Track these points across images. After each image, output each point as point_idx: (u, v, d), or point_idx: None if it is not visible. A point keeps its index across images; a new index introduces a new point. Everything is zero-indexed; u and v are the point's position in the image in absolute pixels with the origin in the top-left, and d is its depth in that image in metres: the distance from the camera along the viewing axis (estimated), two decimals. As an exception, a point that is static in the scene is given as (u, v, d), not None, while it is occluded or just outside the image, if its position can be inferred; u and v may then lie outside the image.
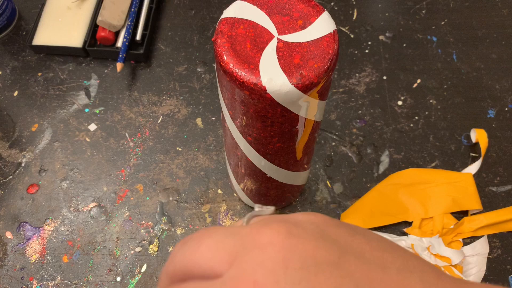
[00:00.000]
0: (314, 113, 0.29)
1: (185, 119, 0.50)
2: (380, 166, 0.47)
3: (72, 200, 0.46)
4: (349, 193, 0.45)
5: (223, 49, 0.26)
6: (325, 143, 0.48)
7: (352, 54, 0.53)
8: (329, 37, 0.26)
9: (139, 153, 0.48)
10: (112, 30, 0.52)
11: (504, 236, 0.43)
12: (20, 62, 0.54)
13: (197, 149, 0.48)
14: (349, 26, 0.55)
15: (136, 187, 0.46)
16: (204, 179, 0.46)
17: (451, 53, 0.53)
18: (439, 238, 0.41)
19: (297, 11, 0.27)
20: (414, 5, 0.56)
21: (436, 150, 0.47)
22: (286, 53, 0.26)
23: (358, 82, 0.51)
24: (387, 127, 0.49)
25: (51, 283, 0.42)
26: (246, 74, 0.25)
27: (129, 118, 0.50)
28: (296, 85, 0.25)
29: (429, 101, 0.50)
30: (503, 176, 0.46)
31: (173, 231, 0.44)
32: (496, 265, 0.42)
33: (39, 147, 0.49)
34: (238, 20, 0.27)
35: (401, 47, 0.53)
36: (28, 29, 0.56)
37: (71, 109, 0.51)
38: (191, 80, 0.52)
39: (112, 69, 0.53)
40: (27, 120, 0.50)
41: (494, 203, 0.44)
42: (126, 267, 0.42)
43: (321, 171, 0.46)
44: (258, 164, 0.34)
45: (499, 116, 0.49)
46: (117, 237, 0.44)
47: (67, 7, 0.55)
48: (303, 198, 0.45)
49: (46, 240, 0.44)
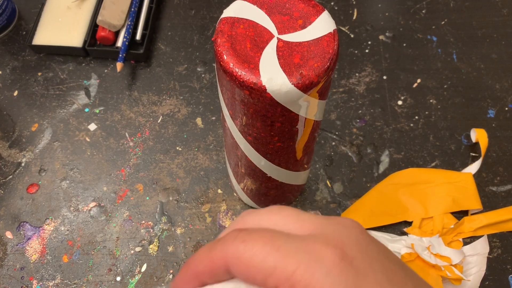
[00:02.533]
0: (314, 113, 0.29)
1: (185, 119, 0.50)
2: (380, 166, 0.46)
3: (72, 200, 0.46)
4: (349, 193, 0.45)
5: (223, 48, 0.26)
6: (325, 143, 0.48)
7: (352, 54, 0.53)
8: (329, 37, 0.26)
9: (139, 153, 0.48)
10: (112, 30, 0.52)
11: (504, 236, 0.43)
12: (20, 62, 0.54)
13: (197, 149, 0.48)
14: (349, 26, 0.55)
15: (136, 187, 0.46)
16: (204, 179, 0.46)
17: (451, 53, 0.53)
18: (439, 238, 0.41)
19: (297, 10, 0.27)
20: (414, 5, 0.56)
21: (436, 150, 0.47)
22: (286, 52, 0.26)
23: (358, 82, 0.51)
24: (387, 127, 0.49)
25: (51, 282, 0.42)
26: (246, 74, 0.25)
27: (129, 118, 0.50)
28: (296, 85, 0.25)
29: (429, 101, 0.50)
30: (503, 176, 0.46)
31: (173, 231, 0.44)
32: (496, 265, 0.42)
33: (39, 147, 0.49)
34: (238, 19, 0.27)
35: (401, 47, 0.53)
36: (28, 29, 0.56)
37: (71, 109, 0.51)
38: (191, 80, 0.52)
39: (112, 69, 0.53)
40: (27, 120, 0.50)
41: (494, 203, 0.44)
42: (126, 267, 0.42)
43: (321, 171, 0.46)
44: (258, 163, 0.34)
45: (499, 116, 0.49)
46: (117, 237, 0.44)
47: (67, 7, 0.55)
48: (303, 198, 0.45)
49: (46, 240, 0.44)
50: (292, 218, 0.18)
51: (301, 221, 0.17)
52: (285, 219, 0.18)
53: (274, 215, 0.18)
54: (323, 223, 0.17)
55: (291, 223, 0.17)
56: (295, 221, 0.18)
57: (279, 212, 0.18)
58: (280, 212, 0.18)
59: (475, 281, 0.41)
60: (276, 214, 0.18)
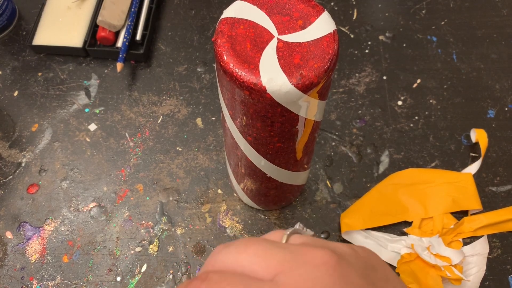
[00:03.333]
0: (314, 113, 0.29)
1: (185, 119, 0.50)
2: (380, 166, 0.47)
3: (72, 200, 0.46)
4: (349, 193, 0.45)
5: (223, 49, 0.26)
6: (325, 143, 0.48)
7: (352, 54, 0.53)
8: (329, 37, 0.26)
9: (139, 153, 0.48)
10: (112, 30, 0.52)
11: (504, 236, 0.43)
12: (20, 62, 0.54)
13: (197, 149, 0.48)
14: (349, 26, 0.55)
15: (136, 187, 0.46)
16: (204, 179, 0.46)
17: (451, 53, 0.53)
18: (439, 238, 0.41)
19: (297, 11, 0.27)
20: (414, 5, 0.56)
21: (436, 150, 0.47)
22: (286, 53, 0.26)
23: (358, 82, 0.51)
24: (387, 127, 0.49)
25: (51, 283, 0.42)
26: (246, 74, 0.25)
27: (129, 118, 0.50)
28: (296, 85, 0.25)
29: (429, 101, 0.50)
30: (503, 176, 0.46)
31: (173, 231, 0.44)
32: (496, 265, 0.42)
33: (39, 147, 0.49)
34: (238, 20, 0.27)
35: (401, 47, 0.53)
36: (28, 29, 0.56)
37: (71, 109, 0.51)
38: (191, 80, 0.52)
39: (112, 69, 0.53)
40: (27, 120, 0.50)
41: (494, 203, 0.44)
42: (126, 267, 0.42)
43: (321, 171, 0.46)
44: (258, 164, 0.34)
45: (499, 116, 0.49)
46: (117, 237, 0.44)
47: (67, 7, 0.55)
48: (303, 198, 0.45)
49: (46, 240, 0.44)
50: (258, 257, 0.17)
51: (267, 261, 0.17)
52: (251, 259, 0.17)
53: (240, 254, 0.18)
54: (290, 264, 0.17)
55: (257, 263, 0.17)
56: (261, 260, 0.17)
57: (245, 251, 0.18)
58: (246, 250, 0.18)
59: (475, 281, 0.41)
60: (243, 252, 0.18)
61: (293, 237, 0.20)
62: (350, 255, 0.18)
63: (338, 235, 0.44)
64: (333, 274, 0.17)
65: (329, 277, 0.16)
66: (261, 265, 0.17)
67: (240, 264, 0.17)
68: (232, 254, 0.18)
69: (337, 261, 0.17)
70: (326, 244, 0.19)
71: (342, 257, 0.18)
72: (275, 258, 0.17)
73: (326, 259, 0.17)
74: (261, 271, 0.17)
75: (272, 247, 0.18)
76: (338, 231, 0.44)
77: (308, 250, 0.17)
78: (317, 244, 0.18)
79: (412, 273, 0.40)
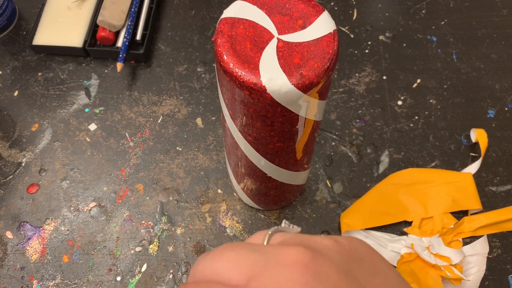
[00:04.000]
0: (314, 113, 0.29)
1: (185, 119, 0.50)
2: (380, 166, 0.47)
3: (72, 200, 0.46)
4: (349, 193, 0.45)
5: (223, 49, 0.26)
6: (325, 143, 0.48)
7: (352, 54, 0.53)
8: (329, 37, 0.26)
9: (139, 153, 0.48)
10: (112, 30, 0.52)
11: (504, 235, 0.43)
12: (20, 62, 0.54)
13: (197, 149, 0.48)
14: (349, 26, 0.55)
15: (136, 187, 0.46)
16: (204, 179, 0.46)
17: (451, 53, 0.53)
18: (439, 238, 0.41)
19: (297, 11, 0.27)
20: (414, 5, 0.56)
21: (436, 150, 0.47)
22: (286, 53, 0.26)
23: (358, 82, 0.51)
24: (387, 127, 0.49)
25: (51, 282, 0.42)
26: (246, 74, 0.25)
27: (129, 118, 0.50)
28: (296, 85, 0.25)
29: (429, 101, 0.50)
30: (503, 176, 0.46)
31: (173, 230, 0.44)
32: (496, 264, 0.42)
33: (39, 147, 0.49)
34: (238, 20, 0.27)
35: (401, 47, 0.53)
36: (28, 29, 0.56)
37: (71, 109, 0.51)
38: (191, 80, 0.52)
39: (112, 69, 0.53)
40: (27, 120, 0.50)
41: (494, 202, 0.44)
42: (126, 267, 0.42)
43: (321, 171, 0.46)
44: (258, 164, 0.34)
45: (499, 116, 0.49)
46: (117, 236, 0.44)
47: (67, 7, 0.55)
48: (303, 197, 0.45)
49: (46, 240, 0.44)
50: (230, 264, 0.17)
51: (239, 268, 0.17)
52: (225, 266, 0.17)
53: (215, 262, 0.18)
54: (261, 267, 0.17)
55: (230, 270, 0.17)
56: (233, 267, 0.17)
57: (220, 258, 0.17)
58: (220, 258, 0.17)
59: (475, 281, 0.41)
60: (218, 260, 0.17)
61: (275, 236, 0.19)
62: (330, 250, 0.18)
63: (338, 235, 0.44)
64: (305, 273, 0.16)
65: (301, 276, 0.16)
66: (234, 271, 0.17)
67: (216, 272, 0.17)
68: (208, 262, 0.18)
69: (311, 258, 0.17)
70: (304, 240, 0.18)
71: (318, 253, 0.17)
72: (247, 263, 0.17)
73: (298, 258, 0.17)
74: (235, 277, 0.17)
75: (246, 251, 0.17)
76: (338, 231, 0.44)
77: (281, 250, 0.17)
78: (294, 241, 0.18)
79: (412, 273, 0.40)
